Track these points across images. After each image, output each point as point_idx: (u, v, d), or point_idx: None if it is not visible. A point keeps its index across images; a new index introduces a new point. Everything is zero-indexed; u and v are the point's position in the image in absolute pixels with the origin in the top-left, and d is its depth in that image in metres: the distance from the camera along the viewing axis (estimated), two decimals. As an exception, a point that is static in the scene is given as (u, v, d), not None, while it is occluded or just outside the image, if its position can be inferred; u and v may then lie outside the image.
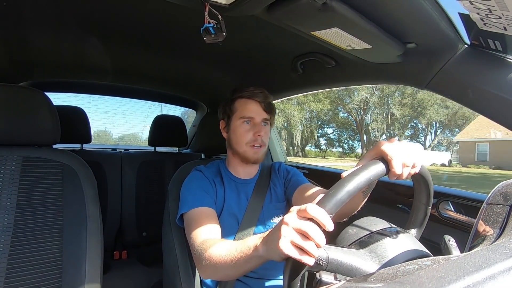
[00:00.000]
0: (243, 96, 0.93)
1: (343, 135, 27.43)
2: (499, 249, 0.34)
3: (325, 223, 0.41)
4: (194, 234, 0.75)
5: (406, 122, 22.41)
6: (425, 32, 0.72)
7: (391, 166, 0.50)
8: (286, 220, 0.44)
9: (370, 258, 0.51)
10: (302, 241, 0.42)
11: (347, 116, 25.04)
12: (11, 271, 0.77)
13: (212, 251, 0.65)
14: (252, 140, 0.90)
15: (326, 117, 25.56)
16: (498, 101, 0.70)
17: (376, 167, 0.49)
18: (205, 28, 0.62)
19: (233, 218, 0.89)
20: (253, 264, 0.55)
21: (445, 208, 0.97)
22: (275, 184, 0.99)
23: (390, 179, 0.52)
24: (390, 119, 21.91)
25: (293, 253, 0.42)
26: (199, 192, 0.86)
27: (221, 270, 0.62)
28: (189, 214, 0.82)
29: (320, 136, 26.93)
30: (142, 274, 1.53)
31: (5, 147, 0.86)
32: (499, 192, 0.53)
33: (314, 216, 0.42)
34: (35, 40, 1.10)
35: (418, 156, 0.53)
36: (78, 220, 0.88)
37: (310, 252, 0.42)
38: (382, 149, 0.51)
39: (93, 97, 2.00)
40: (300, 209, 0.44)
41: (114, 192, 1.62)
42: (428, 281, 0.28)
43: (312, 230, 0.41)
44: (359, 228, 0.58)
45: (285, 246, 0.43)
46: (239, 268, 0.58)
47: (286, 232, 0.43)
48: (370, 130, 23.47)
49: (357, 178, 0.45)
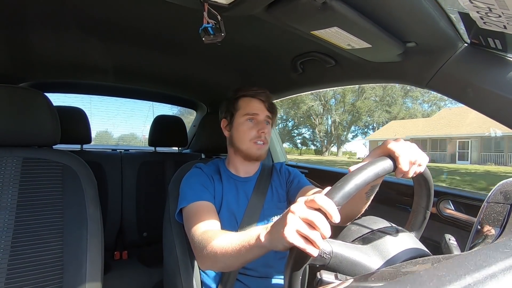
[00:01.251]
0: (247, 95, 0.95)
1: (311, 136, 32.10)
2: (499, 248, 0.34)
3: (332, 213, 0.41)
4: (195, 227, 0.76)
5: (348, 125, 28.48)
6: (425, 31, 0.72)
7: (398, 162, 0.51)
8: (293, 209, 0.44)
9: (374, 254, 0.51)
10: (308, 230, 0.42)
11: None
12: (12, 271, 0.77)
13: (214, 241, 0.64)
14: (256, 137, 0.92)
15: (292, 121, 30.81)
16: (498, 99, 0.70)
17: (384, 163, 0.49)
18: (204, 28, 0.62)
19: (232, 215, 0.90)
20: (254, 254, 0.55)
21: (445, 207, 0.97)
22: (276, 184, 1.00)
23: (396, 176, 0.52)
24: (336, 122, 27.47)
25: (297, 242, 0.42)
26: (199, 187, 0.87)
27: (221, 260, 0.62)
28: (188, 208, 0.83)
29: (296, 135, 31.53)
30: (143, 274, 1.53)
31: (5, 148, 0.86)
32: (500, 191, 0.53)
33: (322, 205, 0.42)
34: (35, 41, 1.10)
35: (423, 155, 0.54)
36: (79, 221, 0.88)
37: (315, 242, 0.42)
38: (389, 147, 0.52)
39: (93, 98, 2.00)
40: (308, 199, 0.44)
41: (114, 192, 1.62)
42: (429, 280, 0.28)
43: (319, 219, 0.42)
44: (361, 226, 0.58)
45: (290, 234, 0.42)
46: (240, 258, 0.58)
47: (292, 221, 0.43)
48: (317, 132, 29.57)
49: (365, 172, 0.46)
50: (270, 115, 0.96)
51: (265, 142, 0.93)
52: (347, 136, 29.04)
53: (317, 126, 27.96)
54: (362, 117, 26.86)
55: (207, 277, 0.90)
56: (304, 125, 29.68)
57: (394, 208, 1.12)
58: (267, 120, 0.95)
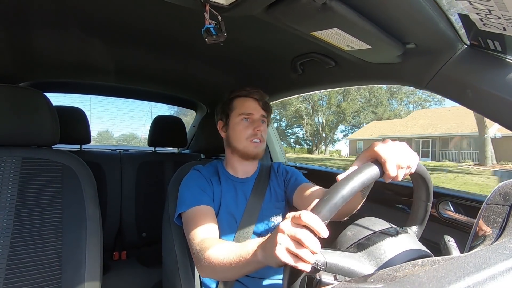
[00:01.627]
0: (240, 95, 0.96)
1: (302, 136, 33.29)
2: (499, 249, 0.34)
3: (319, 230, 0.41)
4: (193, 234, 0.76)
5: (335, 125, 29.90)
6: (425, 32, 0.72)
7: (385, 168, 0.48)
8: (281, 227, 0.45)
9: (368, 261, 0.51)
10: (296, 249, 0.42)
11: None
12: (10, 271, 0.77)
13: (211, 253, 0.65)
14: (252, 135, 0.92)
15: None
16: (497, 101, 0.70)
17: (370, 170, 0.47)
18: (206, 29, 0.62)
19: (231, 216, 0.89)
20: (252, 268, 0.56)
21: (444, 208, 0.97)
22: (274, 183, 1.00)
23: (385, 181, 0.50)
24: (324, 123, 28.96)
25: (288, 260, 0.42)
26: (197, 191, 0.87)
27: (220, 271, 0.63)
28: (187, 213, 0.83)
29: (290, 135, 32.52)
30: (142, 274, 1.53)
31: (4, 148, 0.86)
32: (499, 192, 0.53)
33: (308, 224, 0.42)
34: (35, 41, 1.10)
35: (412, 157, 0.52)
36: (78, 221, 0.87)
37: (305, 259, 0.42)
38: (375, 150, 0.50)
39: (93, 98, 1.99)
40: (294, 216, 0.44)
41: (113, 192, 1.62)
42: (428, 282, 0.28)
43: (306, 237, 0.41)
44: (357, 230, 0.58)
45: (281, 253, 0.43)
46: (238, 271, 0.59)
47: (282, 240, 0.44)
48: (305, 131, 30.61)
49: (351, 182, 0.45)
50: (265, 113, 0.97)
51: (262, 140, 0.94)
52: (333, 136, 30.17)
53: (304, 126, 29.01)
54: (347, 118, 27.71)
55: (207, 278, 0.90)
56: (297, 125, 30.63)
57: (392, 208, 1.12)
58: (262, 119, 0.96)
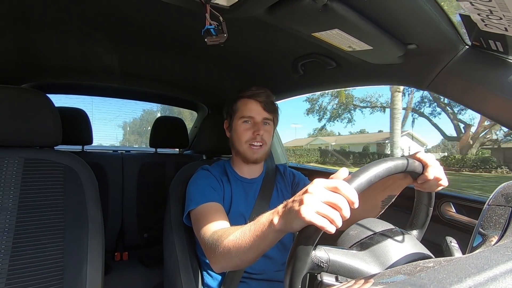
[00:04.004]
0: (244, 96, 0.94)
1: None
2: (501, 250, 0.34)
3: (353, 200, 0.42)
4: (204, 228, 0.74)
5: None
6: (426, 33, 0.72)
7: (426, 170, 0.53)
8: (310, 190, 0.44)
9: (372, 260, 0.50)
10: (330, 210, 0.42)
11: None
12: (12, 272, 0.77)
13: (226, 238, 0.63)
14: (251, 139, 0.91)
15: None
16: (499, 101, 0.70)
17: (413, 162, 0.51)
18: (206, 30, 0.62)
19: (241, 216, 0.89)
20: (269, 241, 0.54)
21: (446, 209, 0.96)
22: (281, 185, 1.00)
23: (417, 181, 0.55)
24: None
25: (316, 219, 0.42)
26: (207, 188, 0.86)
27: (235, 255, 0.60)
28: (197, 210, 0.81)
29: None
30: (143, 275, 1.52)
31: (6, 149, 0.86)
32: (501, 193, 0.53)
33: (343, 191, 0.42)
34: (37, 42, 1.10)
35: (446, 179, 0.55)
36: (79, 222, 0.88)
37: (335, 220, 0.42)
38: (420, 155, 0.54)
39: (94, 99, 2.00)
40: (329, 184, 0.44)
41: (115, 193, 1.62)
42: (430, 283, 0.28)
43: (341, 202, 0.42)
44: (360, 230, 0.58)
45: (308, 213, 0.42)
46: (255, 250, 0.56)
47: (310, 201, 0.43)
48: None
49: (387, 163, 0.46)
50: (269, 115, 0.94)
51: (263, 143, 0.92)
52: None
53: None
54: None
55: (210, 279, 0.90)
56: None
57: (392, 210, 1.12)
58: (266, 121, 0.94)
